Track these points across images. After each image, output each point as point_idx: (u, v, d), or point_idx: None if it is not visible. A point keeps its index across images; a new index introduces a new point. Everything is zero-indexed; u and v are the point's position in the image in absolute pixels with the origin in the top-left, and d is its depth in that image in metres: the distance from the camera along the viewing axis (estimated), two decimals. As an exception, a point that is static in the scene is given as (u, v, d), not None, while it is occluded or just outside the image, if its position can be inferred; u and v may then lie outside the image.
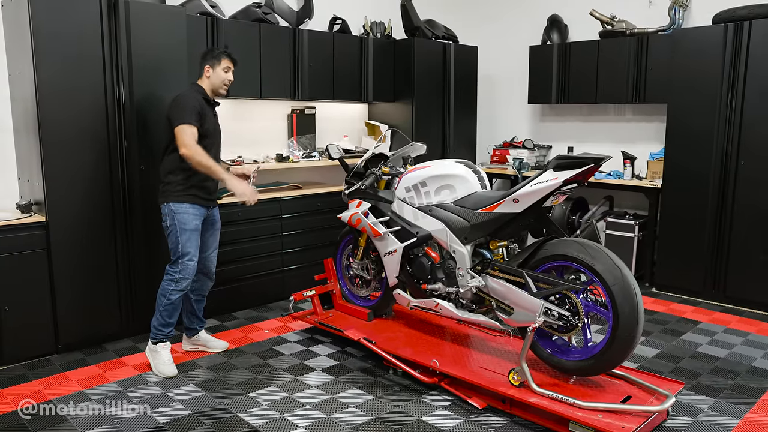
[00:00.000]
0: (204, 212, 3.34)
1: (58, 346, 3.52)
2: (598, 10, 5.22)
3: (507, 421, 2.78)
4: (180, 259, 3.23)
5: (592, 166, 2.65)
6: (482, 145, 6.18)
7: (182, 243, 3.22)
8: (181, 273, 3.24)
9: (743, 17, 4.17)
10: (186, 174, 3.22)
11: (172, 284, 3.25)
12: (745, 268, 4.29)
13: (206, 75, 3.28)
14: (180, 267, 3.23)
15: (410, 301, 3.35)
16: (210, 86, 3.29)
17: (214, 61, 3.27)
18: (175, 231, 3.23)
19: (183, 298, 3.34)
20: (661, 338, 3.81)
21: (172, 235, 3.25)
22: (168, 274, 3.27)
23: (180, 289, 3.26)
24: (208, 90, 3.29)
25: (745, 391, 3.09)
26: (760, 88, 4.11)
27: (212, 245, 3.51)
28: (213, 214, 3.47)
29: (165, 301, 3.26)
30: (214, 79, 3.28)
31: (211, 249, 3.50)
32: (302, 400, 3.01)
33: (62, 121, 3.36)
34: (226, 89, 3.34)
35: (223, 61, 3.28)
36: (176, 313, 3.32)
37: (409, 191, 3.30)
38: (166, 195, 3.25)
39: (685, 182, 4.52)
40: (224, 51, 3.33)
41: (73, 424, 2.76)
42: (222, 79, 3.28)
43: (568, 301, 2.75)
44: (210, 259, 3.50)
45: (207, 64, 3.27)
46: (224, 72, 3.28)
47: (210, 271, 3.51)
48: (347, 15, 5.21)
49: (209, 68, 3.27)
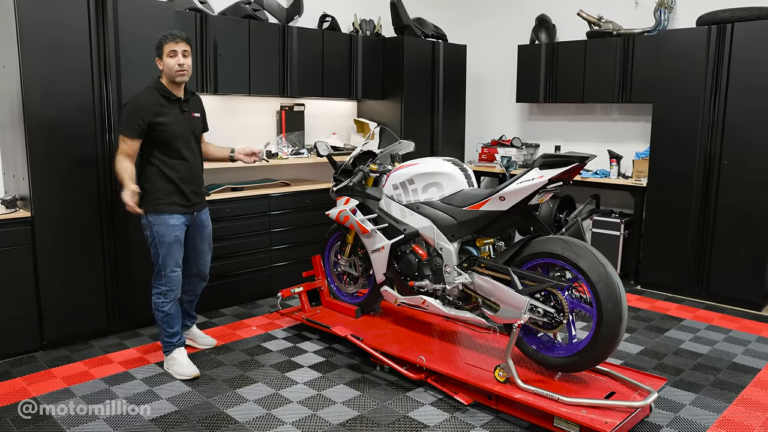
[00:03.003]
0: (186, 219, 3.19)
1: (43, 343, 3.50)
2: (585, 10, 5.26)
3: (493, 417, 2.80)
4: (162, 272, 3.14)
5: (577, 164, 2.68)
6: (471, 143, 6.21)
7: (162, 256, 3.12)
8: (166, 285, 3.16)
9: (726, 20, 4.23)
10: (160, 182, 3.09)
11: (161, 297, 3.17)
12: (727, 266, 4.35)
13: (160, 68, 3.08)
14: (164, 279, 3.15)
15: (397, 297, 3.37)
16: (166, 79, 3.08)
17: (158, 51, 3.05)
18: (154, 243, 3.13)
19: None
20: (645, 335, 3.86)
21: (152, 247, 3.15)
22: (154, 287, 3.20)
23: (170, 300, 3.18)
24: (168, 84, 3.08)
25: (726, 387, 3.14)
26: (742, 90, 4.17)
27: (203, 250, 3.38)
28: (200, 219, 3.31)
29: (160, 314, 3.20)
30: (166, 70, 3.05)
31: (202, 254, 3.38)
32: (289, 396, 3.01)
33: (48, 116, 3.34)
34: (183, 74, 3.05)
35: (165, 47, 3.02)
36: (177, 322, 3.25)
37: (397, 189, 3.32)
38: (144, 205, 3.08)
39: (669, 181, 4.57)
40: (163, 35, 3.04)
41: (57, 421, 2.75)
42: (171, 66, 3.02)
43: (554, 298, 2.78)
44: (203, 263, 3.40)
45: (156, 56, 3.06)
46: (170, 57, 3.02)
47: (204, 273, 3.44)
48: (337, 12, 5.21)
49: (158, 61, 3.06)
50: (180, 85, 3.13)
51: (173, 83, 3.10)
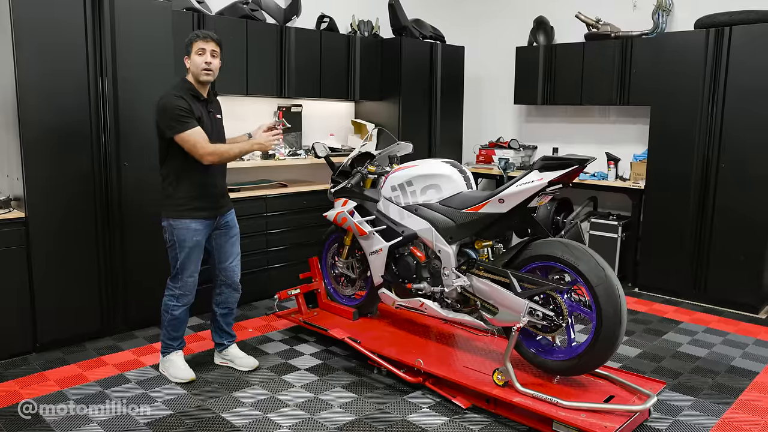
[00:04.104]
0: (209, 224, 3.10)
1: (37, 345, 3.46)
2: (583, 12, 5.26)
3: (491, 421, 2.79)
4: (179, 275, 3.08)
5: (576, 167, 2.67)
6: (468, 145, 6.20)
7: (181, 260, 3.05)
8: (181, 289, 3.09)
9: (724, 23, 4.23)
10: (185, 185, 3.00)
11: (173, 300, 3.12)
12: (725, 269, 4.35)
13: (187, 66, 3.02)
14: (180, 283, 3.08)
15: (395, 300, 3.35)
16: (193, 77, 3.01)
17: (187, 48, 2.99)
18: (174, 247, 3.05)
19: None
20: (643, 338, 3.85)
21: (171, 251, 3.07)
22: (168, 288, 3.14)
23: (182, 304, 3.12)
24: (196, 84, 3.02)
25: (725, 390, 3.13)
26: (740, 93, 4.17)
27: (231, 254, 3.24)
28: (226, 221, 3.20)
29: (168, 316, 3.14)
30: (192, 69, 2.98)
31: (231, 258, 3.24)
32: (286, 399, 2.99)
33: (43, 116, 3.31)
34: (209, 74, 2.99)
35: (194, 45, 2.96)
36: (183, 327, 3.21)
37: (395, 190, 3.30)
38: (165, 209, 3.04)
39: (667, 184, 4.57)
40: (194, 33, 3.00)
41: (50, 424, 2.71)
42: (197, 64, 2.95)
43: (553, 301, 2.76)
44: (231, 269, 3.25)
45: (185, 55, 3.01)
46: (198, 56, 2.95)
47: (234, 281, 3.28)
48: (335, 13, 5.20)
49: (186, 59, 3.00)
50: (205, 86, 3.05)
51: (198, 83, 3.02)
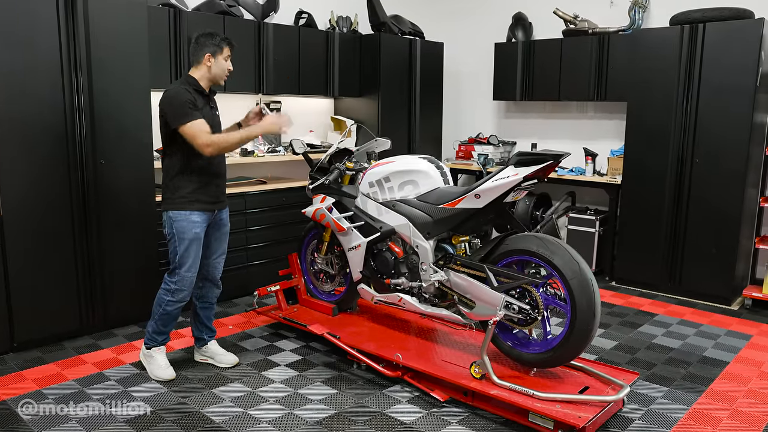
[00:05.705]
0: (208, 217, 3.12)
1: (14, 345, 3.43)
2: (561, 9, 5.30)
3: (469, 413, 2.82)
4: (177, 270, 3.06)
5: (551, 162, 2.71)
6: (448, 141, 6.23)
7: (180, 253, 3.04)
8: (177, 284, 3.07)
9: (698, 20, 4.30)
10: (189, 178, 3.03)
11: (168, 294, 3.10)
12: (699, 262, 4.44)
13: (206, 63, 3.02)
14: (177, 278, 3.07)
15: (374, 295, 3.37)
16: (209, 76, 3.05)
17: (216, 49, 3.02)
18: (173, 240, 3.05)
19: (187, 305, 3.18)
20: (619, 330, 3.92)
21: (171, 244, 3.07)
22: (165, 283, 3.12)
23: (176, 300, 3.09)
24: (203, 80, 3.04)
25: (696, 380, 3.21)
26: (713, 89, 4.25)
27: (217, 250, 3.27)
28: (220, 217, 3.23)
29: (160, 310, 3.12)
30: (215, 69, 3.03)
31: (216, 254, 3.27)
32: (266, 395, 3.00)
33: (16, 113, 3.26)
34: (226, 78, 3.13)
35: (225, 50, 3.05)
36: (172, 324, 3.19)
37: (373, 186, 3.32)
38: (166, 203, 3.05)
39: (643, 179, 4.65)
40: (226, 38, 3.07)
41: (28, 424, 2.69)
42: (223, 68, 3.06)
43: (528, 294, 2.81)
44: (214, 265, 3.28)
45: (208, 51, 3.01)
46: (225, 61, 3.06)
47: (214, 277, 3.30)
48: (313, 9, 5.19)
49: (210, 57, 3.01)
50: (208, 84, 3.10)
51: (211, 82, 3.08)
